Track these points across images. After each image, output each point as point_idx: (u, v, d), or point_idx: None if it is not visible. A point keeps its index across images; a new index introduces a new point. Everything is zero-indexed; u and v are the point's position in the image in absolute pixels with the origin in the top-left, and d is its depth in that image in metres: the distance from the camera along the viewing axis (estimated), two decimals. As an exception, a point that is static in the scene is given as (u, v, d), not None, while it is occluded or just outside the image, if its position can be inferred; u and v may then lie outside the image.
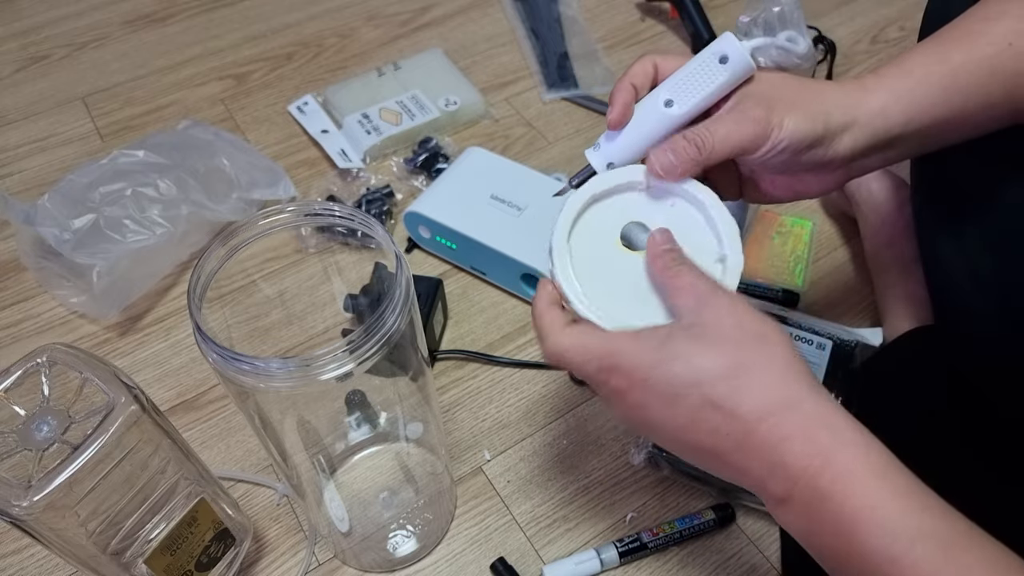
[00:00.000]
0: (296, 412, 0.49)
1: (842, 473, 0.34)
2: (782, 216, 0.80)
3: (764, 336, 0.37)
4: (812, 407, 0.36)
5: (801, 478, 0.35)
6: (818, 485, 0.35)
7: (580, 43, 1.01)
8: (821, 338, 0.65)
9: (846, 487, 0.34)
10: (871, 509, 0.34)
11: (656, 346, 0.38)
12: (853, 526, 0.34)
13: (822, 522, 0.35)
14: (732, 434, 0.36)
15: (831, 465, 0.35)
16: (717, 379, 0.36)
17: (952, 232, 0.55)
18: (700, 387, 0.36)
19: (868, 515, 0.34)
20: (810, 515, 0.36)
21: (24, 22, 1.08)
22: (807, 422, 0.36)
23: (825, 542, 0.36)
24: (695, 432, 0.37)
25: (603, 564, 0.57)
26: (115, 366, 0.43)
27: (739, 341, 0.37)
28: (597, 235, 0.44)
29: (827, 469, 0.35)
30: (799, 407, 0.36)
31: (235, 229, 0.42)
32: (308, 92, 0.95)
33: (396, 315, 0.40)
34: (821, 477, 0.35)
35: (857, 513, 0.34)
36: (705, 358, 0.37)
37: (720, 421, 0.36)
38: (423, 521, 0.60)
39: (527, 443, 0.65)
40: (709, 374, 0.36)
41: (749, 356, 0.37)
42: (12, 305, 0.76)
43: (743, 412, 0.36)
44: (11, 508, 0.38)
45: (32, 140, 0.92)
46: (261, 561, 0.59)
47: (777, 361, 0.37)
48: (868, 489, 0.34)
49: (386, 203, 0.81)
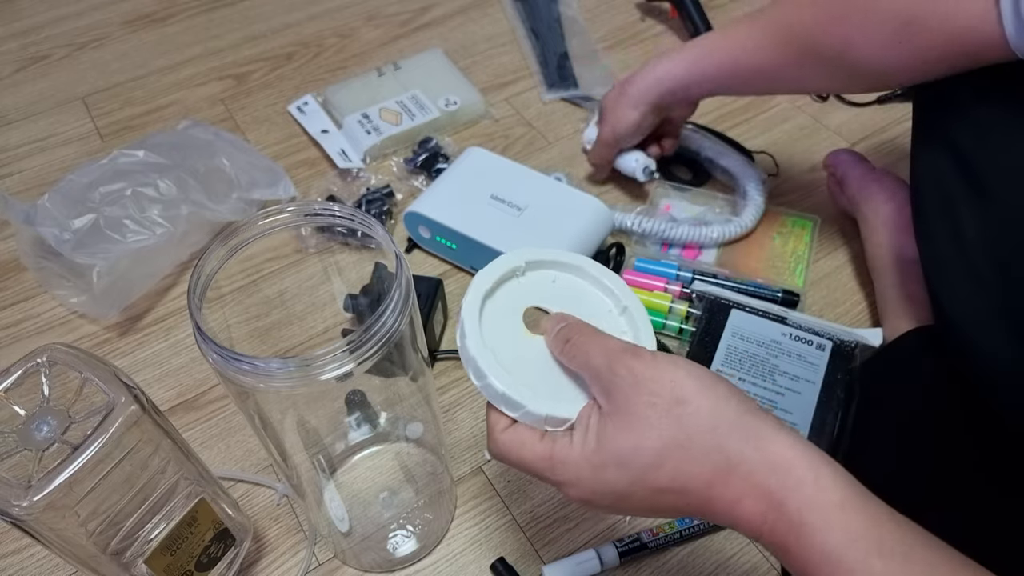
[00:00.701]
0: (296, 412, 0.49)
1: (794, 524, 0.34)
2: (783, 216, 0.80)
3: (680, 400, 0.37)
4: (753, 456, 0.35)
5: (762, 531, 0.35)
6: (777, 535, 0.35)
7: (580, 43, 1.01)
8: (821, 338, 0.65)
9: (799, 539, 0.34)
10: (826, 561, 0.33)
11: (592, 453, 0.38)
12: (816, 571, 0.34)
13: (790, 565, 0.36)
14: (691, 503, 0.37)
15: (783, 517, 0.34)
16: (658, 469, 0.36)
17: (952, 232, 0.55)
18: (644, 480, 0.37)
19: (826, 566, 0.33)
20: (780, 556, 0.36)
21: (24, 22, 1.08)
22: (750, 478, 0.35)
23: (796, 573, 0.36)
24: (659, 510, 0.38)
25: (603, 564, 0.57)
26: (115, 366, 0.43)
27: (655, 420, 0.36)
28: (503, 324, 0.44)
29: (780, 521, 0.35)
30: (740, 464, 0.35)
31: (235, 229, 0.42)
32: (308, 92, 0.95)
33: (396, 315, 0.40)
34: (776, 529, 0.35)
35: (817, 564, 0.34)
36: (636, 455, 0.37)
37: (675, 498, 0.37)
38: (423, 521, 0.60)
39: (527, 443, 0.65)
40: (645, 469, 0.37)
41: (671, 433, 0.36)
42: (12, 305, 0.76)
43: (692, 486, 0.36)
44: (11, 508, 0.38)
45: (32, 140, 0.92)
46: (261, 561, 0.59)
47: (699, 426, 0.36)
48: (822, 539, 0.33)
49: (386, 203, 0.81)
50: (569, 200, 0.74)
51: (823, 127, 0.91)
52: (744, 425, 0.36)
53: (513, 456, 0.41)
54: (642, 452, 0.36)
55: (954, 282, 0.55)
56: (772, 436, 0.36)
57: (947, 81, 0.56)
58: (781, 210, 0.81)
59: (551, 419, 0.40)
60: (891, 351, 0.65)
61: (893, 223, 0.71)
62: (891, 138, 0.89)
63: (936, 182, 0.57)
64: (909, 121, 0.63)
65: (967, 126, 0.54)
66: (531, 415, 0.40)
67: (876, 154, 0.87)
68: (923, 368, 0.62)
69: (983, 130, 0.53)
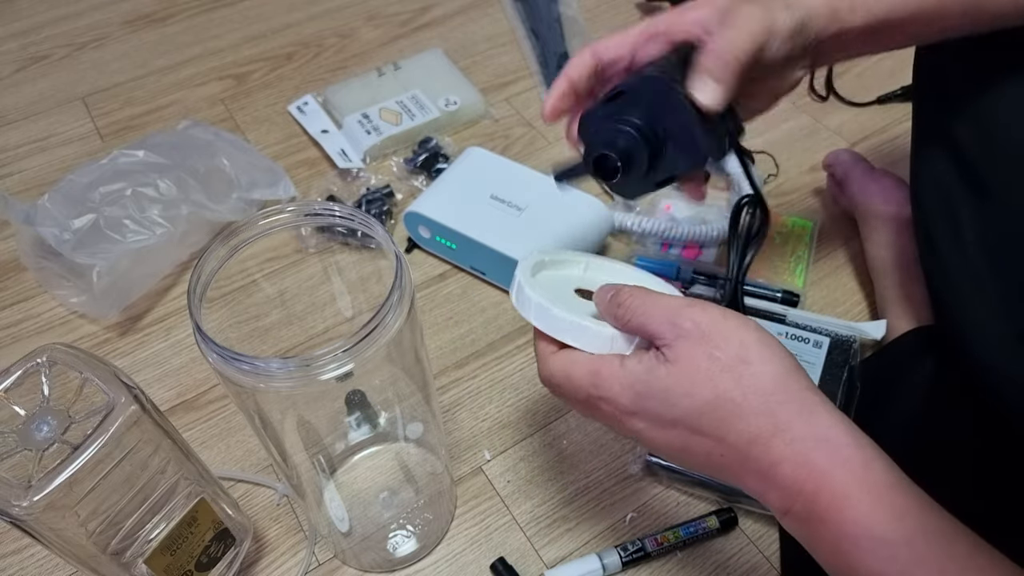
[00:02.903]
0: (296, 412, 0.49)
1: (837, 496, 0.34)
2: (783, 217, 0.80)
3: (744, 360, 0.37)
4: (802, 429, 0.35)
5: (797, 499, 0.35)
6: (815, 507, 0.35)
7: (580, 43, 1.01)
8: (818, 336, 0.65)
9: (842, 511, 0.34)
10: (868, 534, 0.33)
11: (637, 380, 0.38)
12: (851, 548, 0.34)
13: (820, 540, 0.35)
14: (726, 456, 0.37)
15: (825, 488, 0.34)
16: (701, 415, 0.37)
17: (953, 232, 0.55)
18: (686, 420, 0.37)
19: (865, 541, 0.33)
20: (808, 531, 0.36)
21: (24, 22, 1.08)
22: (798, 445, 0.35)
23: (824, 558, 0.36)
24: (690, 454, 0.38)
25: (605, 570, 0.56)
26: (115, 366, 0.43)
27: (714, 373, 0.36)
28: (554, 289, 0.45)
29: (822, 492, 0.34)
30: (787, 431, 0.35)
31: (235, 229, 0.42)
32: (308, 92, 0.95)
33: (396, 315, 0.40)
34: (817, 501, 0.34)
35: (855, 538, 0.33)
36: (684, 398, 0.37)
37: (711, 446, 0.37)
38: (423, 521, 0.60)
39: (527, 443, 0.65)
40: (692, 410, 0.37)
41: (726, 388, 0.36)
42: (12, 305, 0.76)
43: (732, 440, 0.36)
44: (11, 508, 0.38)
45: (32, 140, 0.92)
46: (261, 561, 0.59)
47: (757, 387, 0.36)
48: (864, 513, 0.33)
49: (386, 203, 0.81)
50: (569, 200, 0.74)
51: (823, 127, 0.91)
52: (801, 399, 0.36)
53: (560, 375, 0.41)
54: (692, 398, 0.36)
55: (955, 282, 0.55)
56: (826, 415, 0.36)
57: (947, 81, 0.56)
58: (781, 210, 0.81)
59: (617, 338, 0.40)
60: (891, 351, 0.65)
61: (893, 223, 0.71)
62: (891, 138, 0.89)
63: (936, 182, 0.57)
64: (909, 121, 0.64)
65: (968, 126, 0.54)
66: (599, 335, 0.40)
67: (876, 154, 0.87)
68: (923, 368, 0.62)
69: (984, 130, 0.53)
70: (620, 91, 0.45)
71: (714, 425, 0.36)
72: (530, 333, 0.72)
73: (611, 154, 0.44)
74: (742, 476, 0.37)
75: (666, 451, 0.39)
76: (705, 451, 0.37)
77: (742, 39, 0.44)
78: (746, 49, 0.44)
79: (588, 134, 0.47)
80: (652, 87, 0.44)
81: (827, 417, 0.36)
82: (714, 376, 0.36)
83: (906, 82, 0.91)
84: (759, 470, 0.36)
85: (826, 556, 0.35)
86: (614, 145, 0.44)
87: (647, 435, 0.39)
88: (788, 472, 0.35)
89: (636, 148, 0.44)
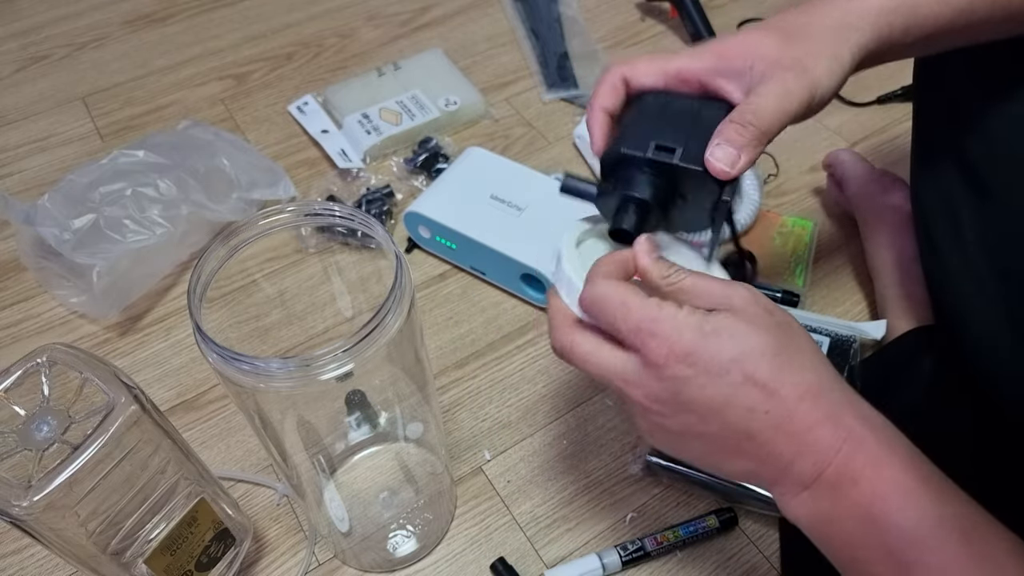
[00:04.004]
0: (296, 412, 0.49)
1: (873, 457, 0.35)
2: (783, 217, 0.80)
3: (789, 324, 0.38)
4: (840, 394, 0.37)
5: (833, 460, 0.35)
6: (849, 467, 0.35)
7: (580, 43, 1.01)
8: (818, 336, 0.65)
9: (877, 470, 0.35)
10: (901, 492, 0.34)
11: (699, 321, 0.36)
12: (882, 508, 0.34)
13: (847, 506, 0.35)
14: (770, 412, 0.36)
15: (862, 449, 0.35)
16: (761, 357, 0.36)
17: (953, 232, 0.55)
18: (744, 363, 0.36)
19: (897, 498, 0.34)
20: (835, 498, 0.35)
21: (24, 22, 1.08)
22: (839, 407, 0.36)
23: (845, 528, 0.35)
24: (728, 411, 0.36)
25: (605, 569, 0.56)
26: (115, 366, 0.43)
27: (771, 326, 0.37)
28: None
29: (859, 452, 0.35)
30: (830, 393, 0.36)
31: (235, 229, 0.42)
32: (308, 92, 0.95)
33: (396, 315, 0.40)
34: (853, 460, 0.35)
35: (887, 496, 0.34)
36: (750, 337, 0.36)
37: (759, 399, 0.36)
38: (423, 521, 0.60)
39: (527, 443, 0.65)
40: (754, 351, 0.36)
41: (785, 339, 0.37)
42: (12, 305, 0.76)
43: (784, 392, 0.36)
44: (11, 508, 0.38)
45: (32, 140, 0.92)
46: (261, 561, 0.59)
47: (807, 346, 0.38)
48: (897, 473, 0.35)
49: (386, 203, 0.81)
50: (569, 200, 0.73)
51: (823, 127, 0.91)
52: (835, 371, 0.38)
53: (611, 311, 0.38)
54: (759, 336, 0.36)
55: (955, 282, 0.55)
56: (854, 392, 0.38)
57: (947, 81, 0.56)
58: (781, 210, 0.81)
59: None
60: (891, 351, 0.65)
61: (893, 223, 0.71)
62: (891, 138, 0.89)
63: (937, 182, 0.57)
64: (909, 121, 0.64)
65: (968, 126, 0.54)
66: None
67: (876, 154, 0.87)
68: (923, 368, 0.62)
69: (984, 130, 0.53)
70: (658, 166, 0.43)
71: (771, 372, 0.36)
72: (530, 333, 0.72)
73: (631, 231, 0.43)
74: (775, 438, 0.36)
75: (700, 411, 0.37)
76: (748, 406, 0.36)
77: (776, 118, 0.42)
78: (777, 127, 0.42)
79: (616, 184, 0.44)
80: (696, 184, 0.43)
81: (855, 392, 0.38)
82: (770, 327, 0.37)
83: (906, 82, 0.91)
84: (798, 431, 0.36)
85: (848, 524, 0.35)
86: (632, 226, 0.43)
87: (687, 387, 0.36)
88: (828, 432, 0.35)
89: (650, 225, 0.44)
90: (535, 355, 0.70)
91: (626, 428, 0.65)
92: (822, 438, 0.35)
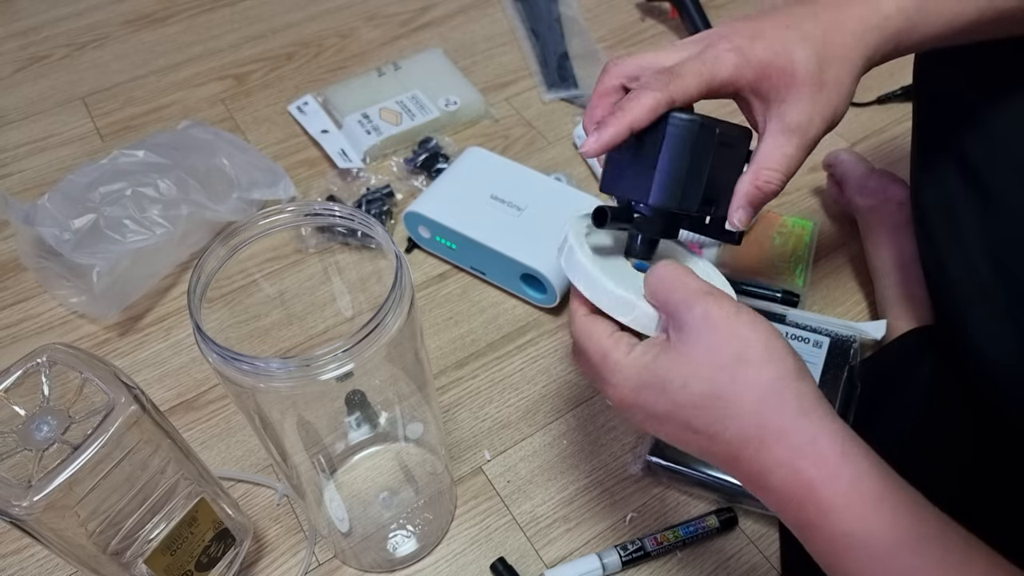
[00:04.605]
0: (296, 412, 0.49)
1: (824, 508, 0.34)
2: (783, 217, 0.80)
3: (743, 360, 0.36)
4: (794, 436, 0.35)
5: (788, 505, 0.35)
6: (802, 515, 0.35)
7: (580, 43, 1.01)
8: (818, 335, 0.65)
9: (830, 522, 0.34)
10: (858, 545, 0.33)
11: (642, 369, 0.38)
12: (842, 555, 0.34)
13: (813, 543, 0.35)
14: (719, 454, 0.37)
15: (813, 497, 0.34)
16: (695, 408, 0.37)
17: (953, 232, 0.55)
18: (681, 414, 0.37)
19: (854, 551, 0.34)
20: (802, 535, 0.36)
21: (24, 22, 1.08)
22: (788, 454, 0.35)
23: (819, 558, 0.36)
24: (687, 444, 0.39)
25: (605, 569, 0.57)
26: (115, 366, 0.43)
27: (711, 369, 0.36)
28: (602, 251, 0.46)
29: (809, 501, 0.34)
30: (779, 439, 0.35)
31: (235, 229, 0.42)
32: (308, 92, 0.95)
33: (396, 315, 0.40)
34: (804, 509, 0.35)
35: (844, 548, 0.34)
36: (680, 391, 0.37)
37: (706, 443, 0.37)
38: (423, 521, 0.60)
39: (527, 443, 0.65)
40: (684, 405, 0.37)
41: (720, 386, 0.36)
42: (12, 305, 0.76)
43: (725, 439, 0.36)
44: (11, 508, 0.38)
45: (32, 140, 0.92)
46: (261, 561, 0.59)
47: (754, 388, 0.36)
48: (853, 524, 0.33)
49: (386, 203, 0.81)
50: (569, 200, 0.74)
51: (823, 127, 0.90)
52: (798, 405, 0.36)
53: (581, 342, 0.42)
54: (686, 392, 0.37)
55: (955, 282, 0.55)
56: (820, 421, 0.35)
57: (948, 81, 0.56)
58: (781, 210, 0.81)
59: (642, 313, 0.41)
60: (891, 351, 0.65)
61: (893, 223, 0.71)
62: (891, 138, 0.89)
63: (937, 182, 0.57)
64: (909, 121, 0.64)
65: (968, 126, 0.54)
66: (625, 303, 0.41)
67: (876, 154, 0.87)
68: (923, 368, 0.62)
69: (985, 130, 0.53)
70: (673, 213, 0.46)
71: (706, 422, 0.37)
72: (530, 334, 0.72)
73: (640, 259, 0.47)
74: (736, 475, 0.38)
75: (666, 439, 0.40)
76: (698, 446, 0.38)
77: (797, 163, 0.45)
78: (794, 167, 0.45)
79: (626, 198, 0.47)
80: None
81: (821, 424, 0.35)
82: (710, 372, 0.36)
83: (906, 82, 0.91)
84: (750, 472, 0.36)
85: (820, 556, 0.36)
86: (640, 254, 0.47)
87: (644, 425, 0.40)
88: (778, 480, 0.35)
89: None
90: (535, 355, 0.70)
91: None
92: (773, 485, 0.36)
